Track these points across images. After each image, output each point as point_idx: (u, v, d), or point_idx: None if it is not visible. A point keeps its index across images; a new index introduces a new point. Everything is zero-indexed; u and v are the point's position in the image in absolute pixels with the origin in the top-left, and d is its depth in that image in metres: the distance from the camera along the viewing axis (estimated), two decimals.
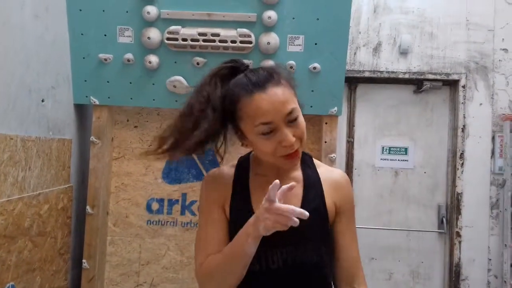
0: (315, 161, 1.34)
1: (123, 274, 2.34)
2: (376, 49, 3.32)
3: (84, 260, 2.23)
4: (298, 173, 1.27)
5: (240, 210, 1.21)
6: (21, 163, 1.75)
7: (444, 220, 3.34)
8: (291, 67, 2.14)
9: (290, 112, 1.10)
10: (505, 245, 3.15)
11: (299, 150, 1.15)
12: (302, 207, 1.17)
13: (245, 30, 2.12)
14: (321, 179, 1.27)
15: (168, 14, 2.13)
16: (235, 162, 1.33)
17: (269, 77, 1.12)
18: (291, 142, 1.09)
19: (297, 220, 0.99)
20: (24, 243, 1.78)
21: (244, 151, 1.34)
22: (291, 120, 1.11)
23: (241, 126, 1.16)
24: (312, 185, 1.25)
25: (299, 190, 1.23)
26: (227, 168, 1.31)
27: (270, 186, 1.01)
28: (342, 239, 1.27)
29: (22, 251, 1.76)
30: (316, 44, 2.17)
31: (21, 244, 1.76)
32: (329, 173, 1.30)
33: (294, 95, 1.16)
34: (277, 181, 1.01)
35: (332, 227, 1.27)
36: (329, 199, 1.25)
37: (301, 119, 1.14)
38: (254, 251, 1.09)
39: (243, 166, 1.29)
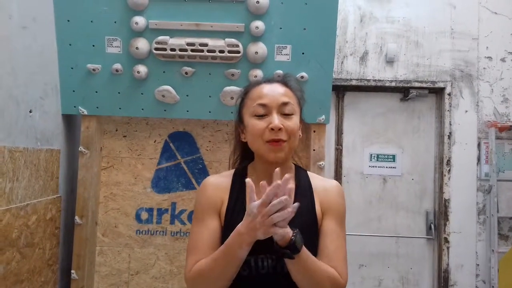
0: (310, 173, 1.36)
1: (112, 285, 2.33)
2: (363, 58, 3.36)
3: (73, 271, 2.21)
4: (291, 183, 1.28)
5: (235, 215, 1.23)
6: (9, 174, 1.74)
7: (432, 226, 3.37)
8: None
9: (285, 104, 1.23)
10: (492, 250, 3.19)
11: (286, 146, 1.22)
12: (292, 219, 1.19)
13: (233, 40, 2.14)
14: (313, 188, 1.29)
15: (156, 24, 2.15)
16: (229, 171, 1.36)
17: (278, 78, 1.32)
18: (278, 125, 1.19)
19: (289, 210, 1.03)
20: (12, 255, 1.76)
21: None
22: (284, 113, 1.23)
23: (243, 111, 1.30)
24: (303, 194, 1.27)
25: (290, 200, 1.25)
26: (224, 175, 1.34)
27: (268, 188, 1.06)
28: (325, 241, 1.23)
29: (10, 262, 1.75)
30: (303, 53, 2.20)
31: (9, 256, 1.74)
32: (322, 182, 1.33)
33: (297, 103, 1.29)
34: (277, 182, 1.06)
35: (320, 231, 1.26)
36: (318, 205, 1.27)
37: (295, 121, 1.25)
38: (246, 255, 1.11)
39: (241, 174, 1.32)
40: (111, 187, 2.36)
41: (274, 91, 1.24)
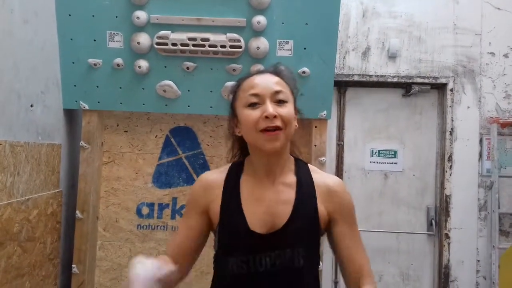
0: (311, 167, 1.34)
1: (113, 279, 2.33)
2: (365, 53, 3.34)
3: (73, 265, 2.22)
4: (291, 177, 1.28)
5: (229, 209, 1.23)
6: (10, 168, 1.74)
7: (433, 222, 3.36)
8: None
9: (278, 92, 1.20)
10: (493, 246, 3.18)
11: (281, 135, 1.18)
12: (293, 211, 1.20)
13: (234, 35, 2.13)
14: (315, 184, 1.28)
15: (157, 19, 2.14)
16: (226, 166, 1.34)
17: (270, 69, 1.29)
18: (271, 112, 1.16)
19: None
20: (13, 249, 1.77)
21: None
22: (278, 100, 1.20)
23: (235, 104, 1.26)
24: (305, 189, 1.26)
25: (291, 194, 1.24)
26: (220, 171, 1.33)
27: None
28: (344, 243, 1.26)
29: (11, 256, 1.76)
30: (305, 48, 2.19)
31: (10, 250, 1.75)
32: (323, 179, 1.31)
33: (290, 92, 1.26)
34: None
35: (331, 234, 1.28)
36: (321, 204, 1.25)
37: (290, 108, 1.21)
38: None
39: (236, 168, 1.31)
40: (112, 182, 2.36)
41: (266, 81, 1.22)
